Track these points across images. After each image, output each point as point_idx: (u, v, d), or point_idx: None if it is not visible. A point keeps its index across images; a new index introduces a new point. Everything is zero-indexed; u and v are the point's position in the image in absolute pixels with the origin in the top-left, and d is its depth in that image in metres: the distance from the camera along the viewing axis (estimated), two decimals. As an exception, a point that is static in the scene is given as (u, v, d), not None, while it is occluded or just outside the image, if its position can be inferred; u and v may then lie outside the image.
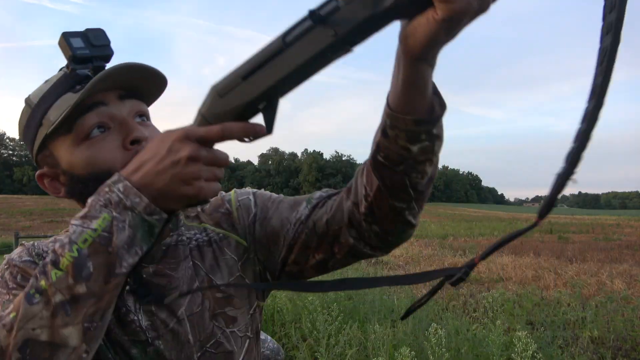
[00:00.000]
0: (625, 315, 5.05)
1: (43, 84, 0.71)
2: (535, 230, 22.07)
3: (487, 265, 9.95)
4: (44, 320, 0.51)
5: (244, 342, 0.79)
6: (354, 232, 0.70)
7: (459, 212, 55.99)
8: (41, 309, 0.51)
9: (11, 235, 14.61)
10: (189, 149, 0.55)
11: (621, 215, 47.88)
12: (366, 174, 0.66)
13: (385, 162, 0.61)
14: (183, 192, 0.56)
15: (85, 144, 0.67)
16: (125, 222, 0.54)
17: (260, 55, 0.55)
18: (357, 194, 0.69)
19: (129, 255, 0.54)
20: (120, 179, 0.56)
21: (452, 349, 3.52)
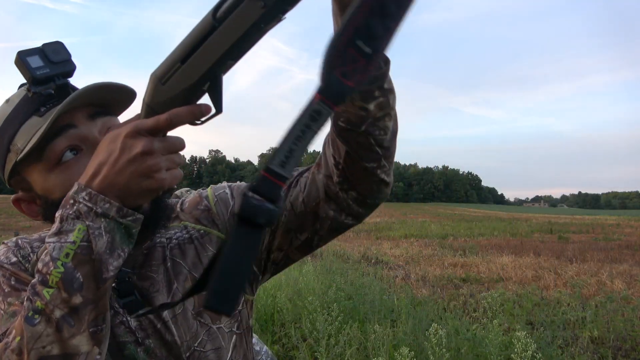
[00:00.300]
0: (625, 315, 5.04)
1: (4, 104, 0.69)
2: (535, 230, 22.07)
3: (487, 265, 9.95)
4: (51, 336, 0.51)
5: (230, 337, 0.79)
6: (332, 205, 0.72)
7: (459, 212, 55.92)
8: (45, 327, 0.51)
9: (11, 235, 14.62)
10: (141, 143, 0.54)
11: (621, 215, 47.83)
12: (332, 144, 0.68)
13: (347, 126, 0.63)
14: (146, 187, 0.55)
15: (59, 168, 0.67)
16: (101, 229, 0.54)
17: (194, 35, 0.54)
18: (327, 165, 0.71)
19: (112, 259, 0.55)
20: (81, 188, 0.55)
21: (452, 349, 3.51)
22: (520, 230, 21.78)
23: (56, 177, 0.67)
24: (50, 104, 0.66)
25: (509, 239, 18.00)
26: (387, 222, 28.72)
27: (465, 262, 10.47)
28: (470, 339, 3.54)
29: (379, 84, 0.61)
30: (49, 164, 0.67)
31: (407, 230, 21.01)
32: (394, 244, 15.23)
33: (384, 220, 31.39)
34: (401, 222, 29.61)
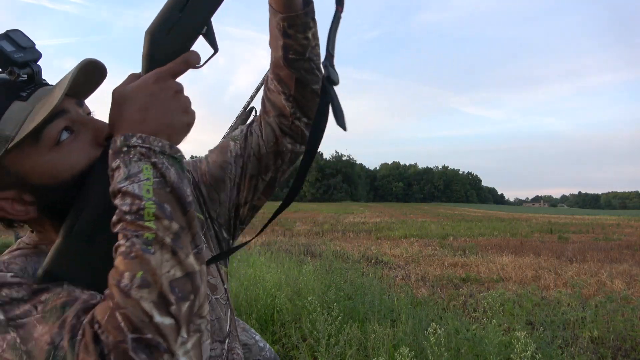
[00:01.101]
0: (625, 315, 5.04)
1: None
2: (535, 230, 22.07)
3: (487, 265, 9.95)
4: (170, 261, 0.52)
5: (226, 309, 0.83)
6: (289, 139, 0.86)
7: (459, 212, 55.89)
8: (162, 254, 0.52)
9: (11, 235, 14.60)
10: (174, 84, 0.63)
11: (621, 215, 47.81)
12: (279, 82, 0.82)
13: (296, 57, 0.79)
14: (186, 122, 0.63)
15: (56, 149, 0.64)
16: (164, 164, 0.57)
17: None
18: (275, 106, 0.85)
19: (186, 186, 0.58)
20: (130, 135, 0.58)
21: (452, 349, 3.52)
22: (520, 230, 21.78)
23: (59, 157, 0.63)
24: (29, 89, 0.62)
25: (509, 239, 18.00)
26: (387, 222, 28.71)
27: (465, 262, 10.47)
28: (470, 339, 3.53)
29: (312, 15, 0.78)
30: (47, 147, 0.63)
31: (407, 230, 21.01)
32: (394, 244, 15.23)
33: (384, 220, 31.38)
34: (401, 222, 29.60)
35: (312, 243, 14.64)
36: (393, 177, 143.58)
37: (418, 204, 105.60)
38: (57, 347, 0.49)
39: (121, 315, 0.48)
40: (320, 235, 18.93)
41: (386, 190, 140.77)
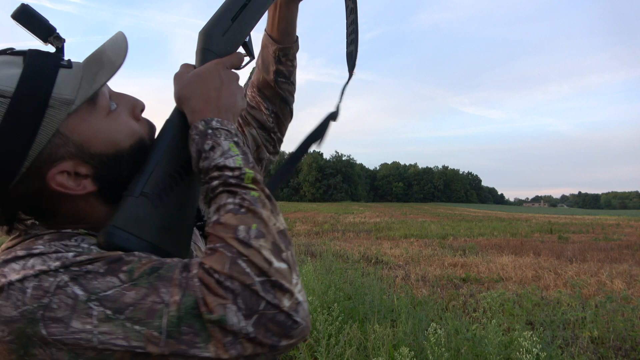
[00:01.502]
0: (625, 315, 5.04)
1: (6, 69, 0.57)
2: (535, 230, 22.07)
3: (487, 265, 9.95)
4: (272, 215, 0.58)
5: None
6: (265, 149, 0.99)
7: (459, 212, 55.88)
8: (265, 210, 0.58)
9: (11, 235, 14.60)
10: (234, 74, 0.74)
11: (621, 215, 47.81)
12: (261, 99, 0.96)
13: (284, 80, 0.93)
14: (242, 106, 0.72)
15: (111, 117, 0.64)
16: (240, 143, 0.65)
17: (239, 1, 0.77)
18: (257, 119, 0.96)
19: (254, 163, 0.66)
20: (210, 119, 0.65)
21: (452, 349, 3.51)
22: (520, 230, 21.78)
23: (116, 125, 0.64)
24: (65, 60, 0.61)
25: (509, 239, 17.99)
26: (387, 222, 28.70)
27: (465, 262, 10.46)
28: (470, 339, 3.53)
29: (298, 44, 0.92)
30: (103, 114, 0.63)
31: (407, 230, 21.00)
32: (394, 244, 15.23)
33: (384, 220, 31.37)
34: (401, 222, 29.59)
35: (312, 243, 14.63)
36: (393, 177, 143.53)
37: (418, 204, 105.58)
38: (168, 304, 0.50)
39: (245, 262, 0.52)
40: (320, 235, 18.92)
41: (386, 190, 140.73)
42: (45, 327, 0.49)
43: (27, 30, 0.59)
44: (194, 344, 0.49)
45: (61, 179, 0.59)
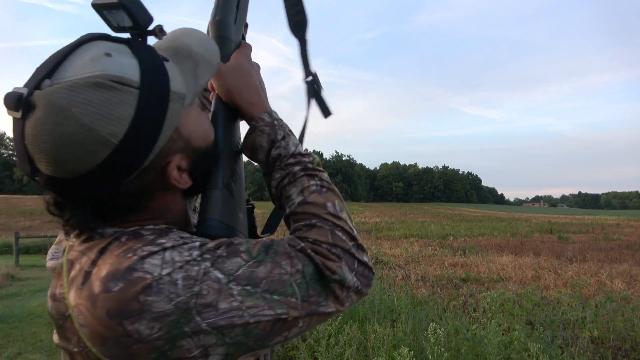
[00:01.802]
0: (625, 315, 5.04)
1: (116, 57, 0.52)
2: (535, 230, 22.07)
3: (487, 265, 9.95)
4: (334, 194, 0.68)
5: None
6: None
7: (459, 212, 55.90)
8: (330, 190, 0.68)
9: (11, 235, 14.59)
10: (256, 62, 0.78)
11: (621, 215, 47.82)
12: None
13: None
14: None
15: (204, 112, 0.71)
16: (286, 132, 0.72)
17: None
18: None
19: None
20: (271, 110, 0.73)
21: (452, 349, 3.51)
22: (520, 230, 21.78)
23: (207, 120, 0.67)
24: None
25: (509, 239, 18.00)
26: (387, 222, 28.70)
27: (465, 262, 10.47)
28: (470, 339, 3.53)
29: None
30: (199, 109, 0.65)
31: (407, 230, 21.00)
32: (394, 244, 15.23)
33: (384, 220, 31.37)
34: (401, 222, 29.59)
35: (312, 243, 14.61)
36: (393, 177, 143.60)
37: (418, 204, 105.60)
38: (294, 273, 0.57)
39: (341, 232, 0.62)
40: (320, 235, 18.86)
41: (386, 190, 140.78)
42: (198, 314, 0.50)
43: (129, 17, 0.54)
44: (319, 303, 0.58)
45: (172, 171, 0.58)
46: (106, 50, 0.51)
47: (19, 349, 4.50)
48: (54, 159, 0.49)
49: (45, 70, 0.49)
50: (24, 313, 5.98)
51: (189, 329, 0.50)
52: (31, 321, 5.61)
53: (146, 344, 0.49)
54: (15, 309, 6.20)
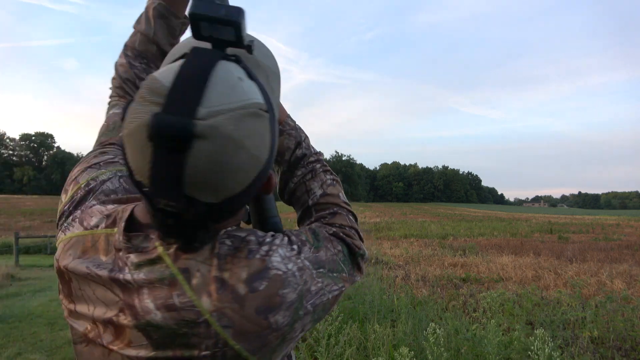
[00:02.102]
0: (625, 315, 5.04)
1: (245, 81, 0.53)
2: (535, 230, 22.07)
3: (487, 265, 9.95)
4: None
5: None
6: None
7: (459, 212, 55.92)
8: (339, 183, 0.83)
9: (11, 235, 14.60)
10: None
11: (621, 215, 47.82)
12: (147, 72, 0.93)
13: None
14: None
15: None
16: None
17: None
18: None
19: None
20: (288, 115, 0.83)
21: (452, 349, 3.52)
22: (520, 230, 21.79)
23: None
24: None
25: (509, 239, 18.00)
26: (387, 222, 28.70)
27: (465, 262, 10.47)
28: (469, 339, 3.53)
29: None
30: None
31: (407, 230, 21.01)
32: (394, 244, 15.24)
33: (384, 220, 31.37)
34: (401, 222, 29.60)
35: (312, 243, 14.62)
36: (393, 177, 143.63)
37: (418, 204, 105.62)
38: (337, 253, 0.69)
39: (352, 216, 0.77)
40: (320, 235, 18.88)
41: (386, 190, 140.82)
42: (305, 299, 0.60)
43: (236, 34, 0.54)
44: (354, 275, 0.71)
45: (274, 179, 0.65)
46: (236, 74, 0.52)
47: (19, 349, 4.50)
48: (219, 187, 0.51)
49: (190, 97, 0.47)
50: (24, 313, 5.98)
51: (302, 312, 0.59)
52: (31, 321, 5.61)
53: (278, 331, 0.57)
54: (15, 309, 6.20)
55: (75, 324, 0.61)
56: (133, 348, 0.55)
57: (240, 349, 0.55)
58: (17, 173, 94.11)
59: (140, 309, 0.54)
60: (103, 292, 0.57)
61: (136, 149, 0.48)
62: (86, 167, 0.71)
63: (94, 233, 0.61)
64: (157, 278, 0.55)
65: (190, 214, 0.51)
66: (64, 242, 0.63)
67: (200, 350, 0.54)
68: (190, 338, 0.54)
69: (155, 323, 0.54)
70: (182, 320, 0.53)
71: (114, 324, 0.56)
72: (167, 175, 0.48)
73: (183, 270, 0.55)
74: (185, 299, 0.54)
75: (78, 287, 0.60)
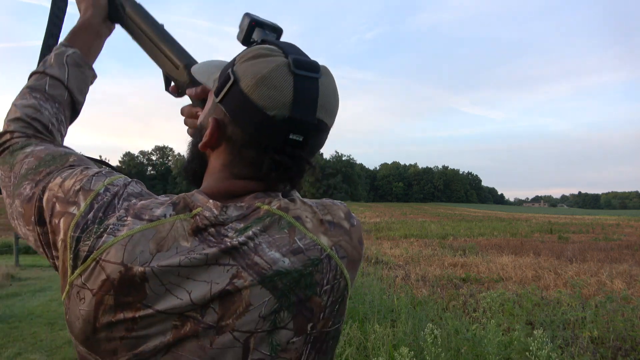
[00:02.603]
0: (625, 315, 5.04)
1: None
2: (535, 230, 22.07)
3: (487, 265, 9.95)
4: None
5: None
6: None
7: (459, 212, 55.92)
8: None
9: (11, 235, 14.60)
10: None
11: (621, 215, 47.82)
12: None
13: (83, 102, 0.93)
14: None
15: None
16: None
17: None
18: None
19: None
20: None
21: (452, 349, 3.52)
22: (520, 230, 21.79)
23: None
24: None
25: (509, 239, 18.01)
26: (387, 222, 28.70)
27: (465, 262, 10.47)
28: (469, 339, 3.53)
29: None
30: None
31: (407, 230, 21.01)
32: (394, 244, 15.24)
33: (384, 220, 31.37)
34: (401, 222, 29.60)
35: (312, 243, 14.61)
36: (393, 177, 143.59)
37: (418, 204, 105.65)
38: None
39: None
40: (320, 235, 18.87)
41: (386, 190, 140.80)
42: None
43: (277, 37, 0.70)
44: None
45: None
46: None
47: (19, 349, 4.50)
48: (334, 112, 0.66)
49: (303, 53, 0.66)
50: (24, 313, 5.99)
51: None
52: (31, 321, 5.61)
53: (361, 262, 0.68)
54: (15, 309, 6.20)
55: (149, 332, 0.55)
56: (250, 312, 0.56)
57: (348, 279, 0.64)
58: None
59: (265, 263, 0.58)
60: (202, 272, 0.56)
61: (274, 85, 0.60)
62: (88, 176, 0.64)
63: (163, 222, 0.59)
64: (275, 230, 0.60)
65: (315, 139, 0.64)
66: (121, 243, 0.57)
67: (322, 286, 0.61)
68: (314, 276, 0.60)
69: (284, 270, 0.58)
70: (308, 260, 0.60)
71: (223, 296, 0.55)
72: (307, 98, 0.61)
73: (297, 218, 0.63)
74: (307, 240, 0.61)
75: (159, 283, 0.56)
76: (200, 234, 0.59)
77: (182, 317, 0.55)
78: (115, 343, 0.56)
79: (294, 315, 0.58)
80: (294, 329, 0.58)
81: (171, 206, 0.61)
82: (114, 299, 0.55)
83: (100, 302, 0.56)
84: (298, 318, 0.58)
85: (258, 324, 0.56)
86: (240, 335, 0.56)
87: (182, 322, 0.55)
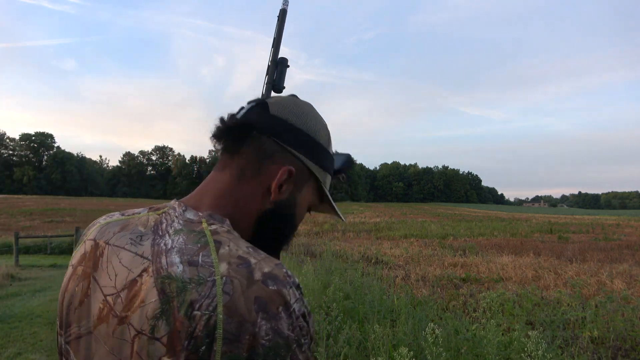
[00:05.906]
0: (625, 315, 5.04)
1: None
2: (535, 230, 22.06)
3: (487, 265, 9.95)
4: None
5: None
6: None
7: (459, 212, 55.91)
8: None
9: (11, 235, 14.59)
10: None
11: (621, 215, 47.81)
12: None
13: None
14: None
15: None
16: None
17: None
18: None
19: None
20: None
21: (452, 349, 3.51)
22: (520, 230, 21.78)
23: None
24: None
25: (509, 239, 18.00)
26: (387, 222, 28.70)
27: (465, 262, 10.47)
28: (469, 339, 3.53)
29: None
30: None
31: (407, 230, 21.01)
32: (394, 244, 15.24)
33: (384, 220, 31.38)
34: (401, 222, 29.60)
35: (312, 243, 14.64)
36: (393, 177, 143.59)
37: (418, 204, 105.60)
38: None
39: None
40: (320, 236, 18.93)
41: (386, 190, 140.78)
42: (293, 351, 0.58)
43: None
44: None
45: None
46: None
47: (19, 349, 4.50)
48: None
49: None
50: (24, 313, 5.98)
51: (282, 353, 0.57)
52: (31, 321, 5.61)
53: (253, 339, 0.52)
54: (15, 309, 6.20)
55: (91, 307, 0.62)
56: (142, 309, 0.56)
57: (219, 322, 0.52)
58: (17, 173, 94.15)
59: (165, 264, 0.58)
60: (131, 258, 0.62)
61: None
62: None
63: (135, 217, 0.69)
64: (191, 241, 0.61)
65: None
66: (100, 225, 0.71)
67: (194, 309, 0.53)
68: (192, 293, 0.54)
69: (174, 275, 0.57)
70: (196, 275, 0.56)
71: (130, 287, 0.59)
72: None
73: (217, 242, 0.61)
74: (208, 259, 0.58)
75: (106, 260, 0.64)
76: (161, 224, 0.65)
77: (104, 301, 0.60)
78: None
79: (170, 331, 0.53)
80: (167, 345, 0.52)
81: (147, 209, 0.72)
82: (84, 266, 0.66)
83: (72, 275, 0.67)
84: (173, 336, 0.52)
85: (144, 324, 0.54)
86: (131, 332, 0.56)
87: (104, 305, 0.60)
